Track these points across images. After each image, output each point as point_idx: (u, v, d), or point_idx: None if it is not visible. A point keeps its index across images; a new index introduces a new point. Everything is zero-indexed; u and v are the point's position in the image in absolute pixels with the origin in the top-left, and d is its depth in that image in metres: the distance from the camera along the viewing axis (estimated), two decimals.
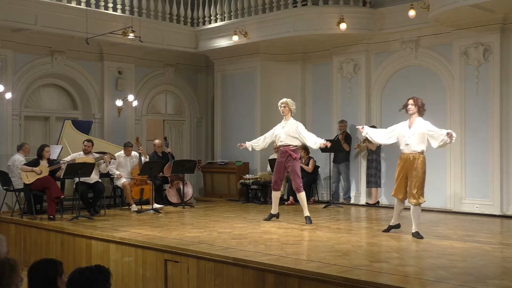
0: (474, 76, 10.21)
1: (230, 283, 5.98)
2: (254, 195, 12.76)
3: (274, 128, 9.17)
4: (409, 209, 7.40)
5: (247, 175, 12.52)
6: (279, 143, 8.95)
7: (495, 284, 4.88)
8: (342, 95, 12.18)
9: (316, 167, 12.17)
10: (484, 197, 10.03)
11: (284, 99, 9.09)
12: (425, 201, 7.43)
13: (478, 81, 10.17)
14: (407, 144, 7.34)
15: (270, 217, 9.07)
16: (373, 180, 11.41)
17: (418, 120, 7.37)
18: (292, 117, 9.00)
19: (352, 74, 12.02)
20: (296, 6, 11.97)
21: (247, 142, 9.33)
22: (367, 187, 11.59)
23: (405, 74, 11.40)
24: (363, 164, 11.72)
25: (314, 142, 8.67)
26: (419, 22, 10.58)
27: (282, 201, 11.67)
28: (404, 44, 11.28)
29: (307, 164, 11.99)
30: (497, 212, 9.77)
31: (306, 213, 8.79)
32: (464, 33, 10.26)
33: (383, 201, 11.57)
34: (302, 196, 8.85)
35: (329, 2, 11.69)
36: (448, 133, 7.06)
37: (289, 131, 8.80)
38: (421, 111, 7.43)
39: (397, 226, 7.80)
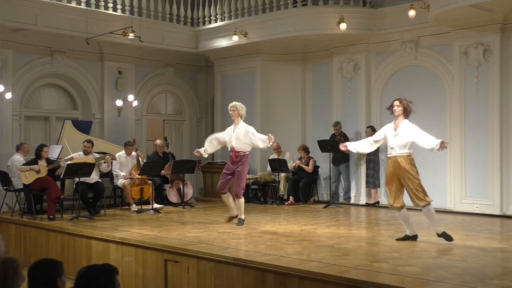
0: (474, 76, 10.21)
1: (230, 283, 5.98)
2: (254, 195, 12.76)
3: (225, 131, 8.71)
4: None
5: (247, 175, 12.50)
6: (230, 148, 8.45)
7: (495, 284, 4.88)
8: (342, 95, 12.18)
9: (316, 167, 12.18)
10: (484, 197, 10.03)
11: (234, 103, 8.51)
12: (432, 200, 7.08)
13: (478, 81, 10.17)
14: (392, 148, 6.99)
15: (231, 219, 8.65)
16: (371, 181, 11.41)
17: (403, 123, 7.02)
18: (243, 121, 8.46)
19: (352, 74, 12.02)
20: (296, 6, 11.97)
21: (200, 150, 8.75)
22: (366, 187, 11.60)
23: (405, 74, 11.40)
24: (363, 165, 11.73)
25: (262, 140, 8.21)
26: (419, 22, 10.58)
27: (282, 201, 11.74)
28: (404, 44, 11.28)
29: (307, 164, 11.99)
30: (497, 212, 9.77)
31: (242, 215, 8.53)
32: (464, 33, 10.26)
33: (383, 201, 11.57)
34: (241, 201, 8.49)
35: (329, 2, 11.69)
36: (441, 144, 6.73)
37: (239, 135, 8.33)
38: (406, 113, 7.05)
39: (414, 237, 7.20)
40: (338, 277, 5.11)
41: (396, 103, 7.06)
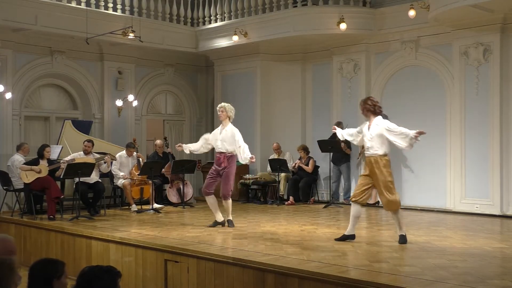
0: (474, 76, 10.21)
1: (230, 283, 5.98)
2: (254, 195, 12.76)
3: (212, 133, 8.59)
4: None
5: (247, 175, 12.52)
6: (217, 150, 8.28)
7: (495, 284, 4.87)
8: (342, 95, 12.17)
9: (316, 167, 12.18)
10: (484, 197, 10.02)
11: (223, 104, 8.41)
12: (400, 205, 6.83)
13: (478, 81, 10.17)
14: (367, 147, 6.87)
15: (215, 225, 8.35)
16: None
17: (375, 120, 6.86)
18: (231, 123, 8.34)
19: (352, 74, 12.02)
20: (296, 6, 11.97)
21: (183, 145, 8.67)
22: None
23: (405, 74, 11.40)
24: (363, 165, 11.72)
25: (244, 157, 8.10)
26: (419, 22, 10.58)
27: (282, 201, 11.74)
28: (404, 44, 11.28)
29: (307, 164, 12.00)
30: (497, 212, 9.77)
31: (230, 216, 8.37)
32: (464, 33, 10.26)
33: None
34: (229, 203, 8.30)
35: (329, 2, 11.69)
36: (416, 134, 6.49)
37: (225, 138, 8.17)
38: (373, 110, 6.88)
39: (351, 236, 7.00)
40: (338, 277, 5.11)
41: (360, 105, 7.02)
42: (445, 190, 10.67)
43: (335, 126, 7.59)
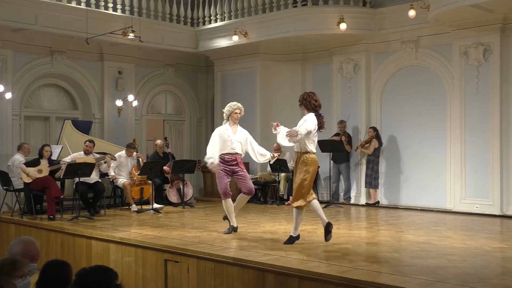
0: (474, 76, 10.21)
1: (230, 283, 5.98)
2: (254, 195, 12.72)
3: (217, 134, 7.83)
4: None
5: None
6: (229, 151, 7.69)
7: (495, 284, 4.88)
8: (342, 95, 12.17)
9: None
10: (484, 197, 10.03)
11: (240, 105, 8.01)
12: (301, 205, 6.64)
13: (478, 81, 10.17)
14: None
15: (231, 230, 7.73)
16: (368, 181, 11.40)
17: (305, 116, 6.61)
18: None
19: (352, 74, 12.02)
20: (296, 6, 11.97)
21: (214, 161, 7.66)
22: (365, 187, 11.59)
23: (405, 74, 11.41)
24: (363, 164, 11.73)
25: (263, 155, 7.79)
26: (419, 22, 10.58)
27: (282, 201, 11.74)
28: (404, 44, 11.28)
29: None
30: (497, 212, 9.77)
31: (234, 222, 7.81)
32: (464, 33, 10.26)
33: (383, 201, 11.58)
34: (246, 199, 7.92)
35: (329, 2, 11.70)
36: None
37: (240, 139, 7.82)
38: (305, 105, 6.64)
39: (329, 225, 6.79)
40: (338, 277, 5.11)
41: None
42: (445, 190, 10.68)
43: (278, 124, 7.03)
